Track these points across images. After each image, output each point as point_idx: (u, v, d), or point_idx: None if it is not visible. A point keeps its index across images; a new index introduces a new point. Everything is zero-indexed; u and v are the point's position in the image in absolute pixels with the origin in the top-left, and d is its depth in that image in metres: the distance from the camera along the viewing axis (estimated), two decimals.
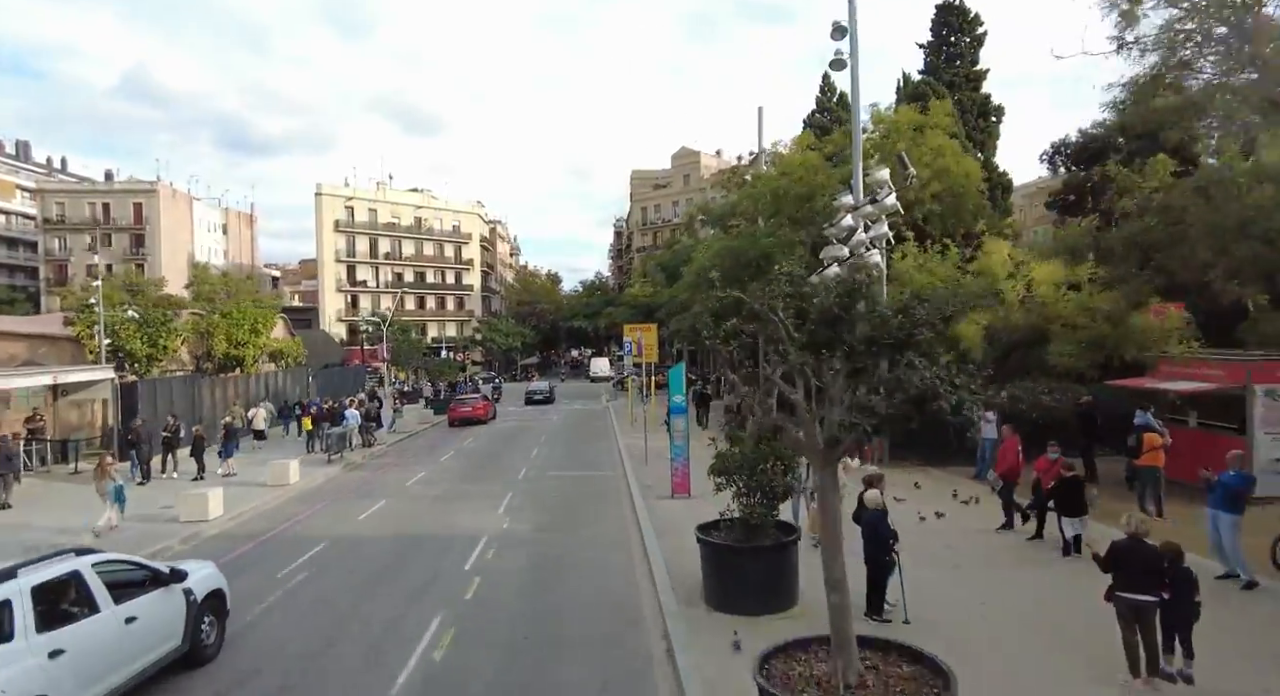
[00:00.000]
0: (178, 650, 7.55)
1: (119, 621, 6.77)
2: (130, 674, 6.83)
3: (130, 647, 6.86)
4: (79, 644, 6.23)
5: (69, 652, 6.09)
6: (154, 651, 7.21)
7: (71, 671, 6.07)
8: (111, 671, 6.59)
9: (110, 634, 6.63)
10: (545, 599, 9.89)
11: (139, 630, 6.97)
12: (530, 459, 22.68)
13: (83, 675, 6.20)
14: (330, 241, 78.10)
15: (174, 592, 7.65)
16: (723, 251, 25.65)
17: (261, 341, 34.55)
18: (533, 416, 38.36)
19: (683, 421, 15.39)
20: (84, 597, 6.60)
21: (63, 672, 5.96)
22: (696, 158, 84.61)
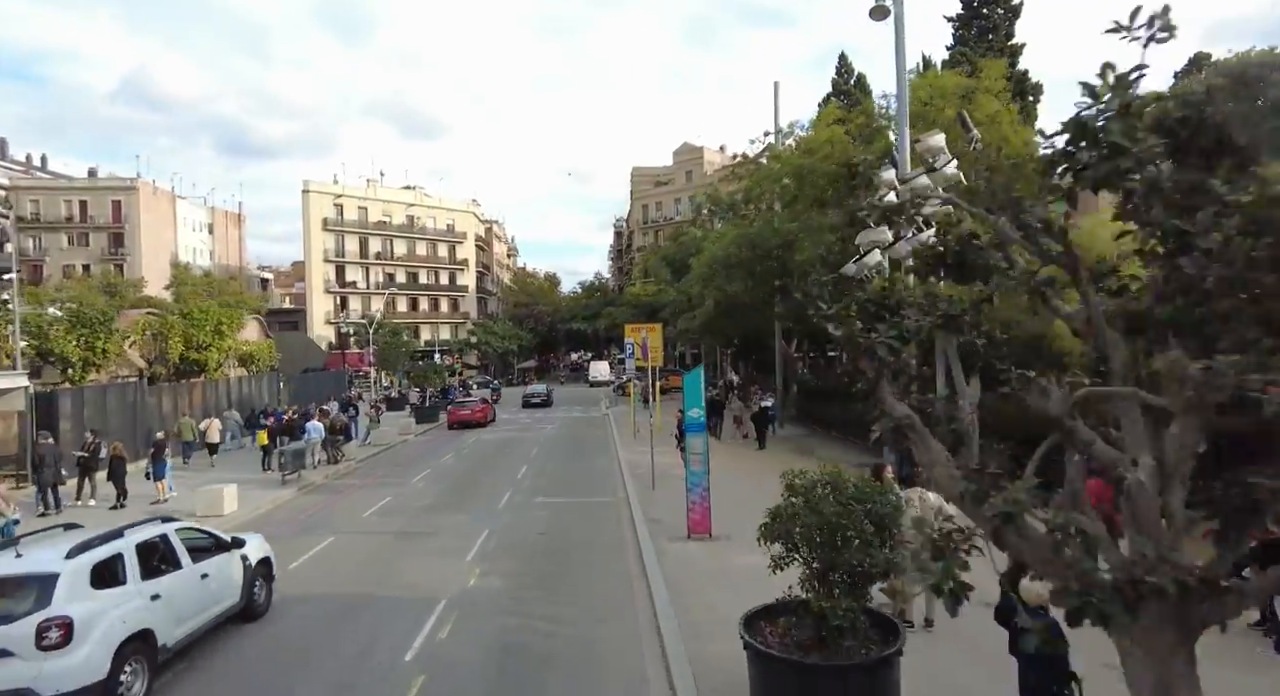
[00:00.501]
0: (236, 606, 8.93)
1: (196, 576, 8.27)
2: (204, 620, 8.31)
3: (204, 598, 8.35)
4: (169, 591, 7.73)
5: (164, 597, 7.61)
6: (220, 604, 8.65)
7: (166, 612, 7.58)
8: (192, 616, 8.08)
9: (190, 586, 8.12)
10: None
11: (210, 585, 8.47)
12: (516, 480, 19.45)
13: (173, 616, 7.70)
14: (318, 241, 74.95)
15: (234, 557, 9.09)
16: (739, 240, 22.49)
17: (227, 344, 31.35)
18: (527, 424, 35.17)
19: (701, 442, 12.19)
20: (171, 556, 8.13)
21: (161, 612, 7.48)
22: (699, 153, 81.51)
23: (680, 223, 54.03)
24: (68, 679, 6.38)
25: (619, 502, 16.09)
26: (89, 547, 7.21)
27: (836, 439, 24.39)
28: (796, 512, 6.30)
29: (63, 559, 6.92)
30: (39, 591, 6.60)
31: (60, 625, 6.45)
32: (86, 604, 6.78)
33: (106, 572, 7.22)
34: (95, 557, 7.17)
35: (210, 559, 8.66)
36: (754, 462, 20.09)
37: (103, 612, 6.88)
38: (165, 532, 8.27)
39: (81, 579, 6.88)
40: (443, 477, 20.26)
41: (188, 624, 7.97)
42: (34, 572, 6.80)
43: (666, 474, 17.87)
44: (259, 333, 41.17)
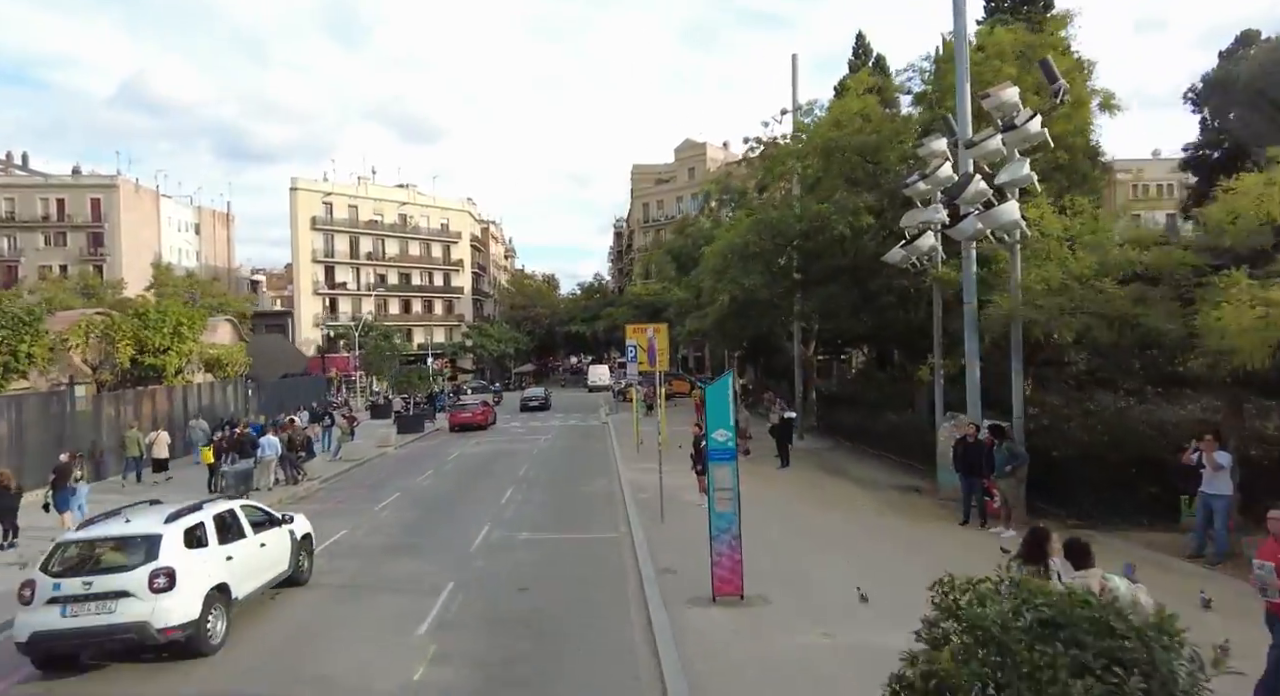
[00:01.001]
0: (285, 572, 10.49)
1: (257, 544, 9.86)
2: (263, 581, 9.90)
3: (263, 563, 9.94)
4: (238, 555, 9.34)
5: (235, 559, 9.23)
6: (274, 570, 10.22)
7: (236, 571, 9.16)
8: (254, 577, 9.66)
9: (252, 552, 9.69)
10: None
11: (267, 553, 10.06)
12: (499, 507, 16.47)
13: (241, 576, 9.25)
14: (306, 240, 72.09)
15: (284, 531, 10.65)
16: (757, 227, 19.53)
17: (187, 347, 28.39)
18: (519, 433, 32.19)
19: (730, 474, 9.22)
20: (238, 526, 9.69)
21: (233, 571, 9.09)
22: (702, 150, 78.63)
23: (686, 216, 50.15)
24: (172, 615, 7.94)
25: (621, 541, 13.09)
26: (180, 516, 8.85)
27: (867, 453, 21.41)
28: (968, 654, 3.31)
29: (163, 522, 8.58)
30: (148, 547, 8.23)
31: (166, 573, 8.05)
32: (182, 559, 8.34)
33: (194, 536, 8.78)
34: (186, 524, 8.77)
35: (267, 531, 10.17)
36: (779, 486, 17.13)
37: (193, 567, 8.43)
38: (233, 508, 9.98)
39: (178, 539, 8.49)
40: (414, 503, 17.26)
41: (251, 582, 9.51)
42: (144, 533, 8.47)
43: (677, 499, 14.95)
44: (232, 335, 38.22)
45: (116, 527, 8.71)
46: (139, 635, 7.82)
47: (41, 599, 7.84)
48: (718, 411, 9.35)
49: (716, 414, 9.34)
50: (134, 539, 8.44)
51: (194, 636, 8.14)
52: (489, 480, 20.22)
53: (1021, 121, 11.89)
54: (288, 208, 72.86)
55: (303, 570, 10.91)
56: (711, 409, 9.37)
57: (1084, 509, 12.27)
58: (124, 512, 9.32)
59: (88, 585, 7.91)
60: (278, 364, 43.09)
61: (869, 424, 21.66)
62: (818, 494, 16.40)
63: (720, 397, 9.38)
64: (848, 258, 18.31)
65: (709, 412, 9.37)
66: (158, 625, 7.82)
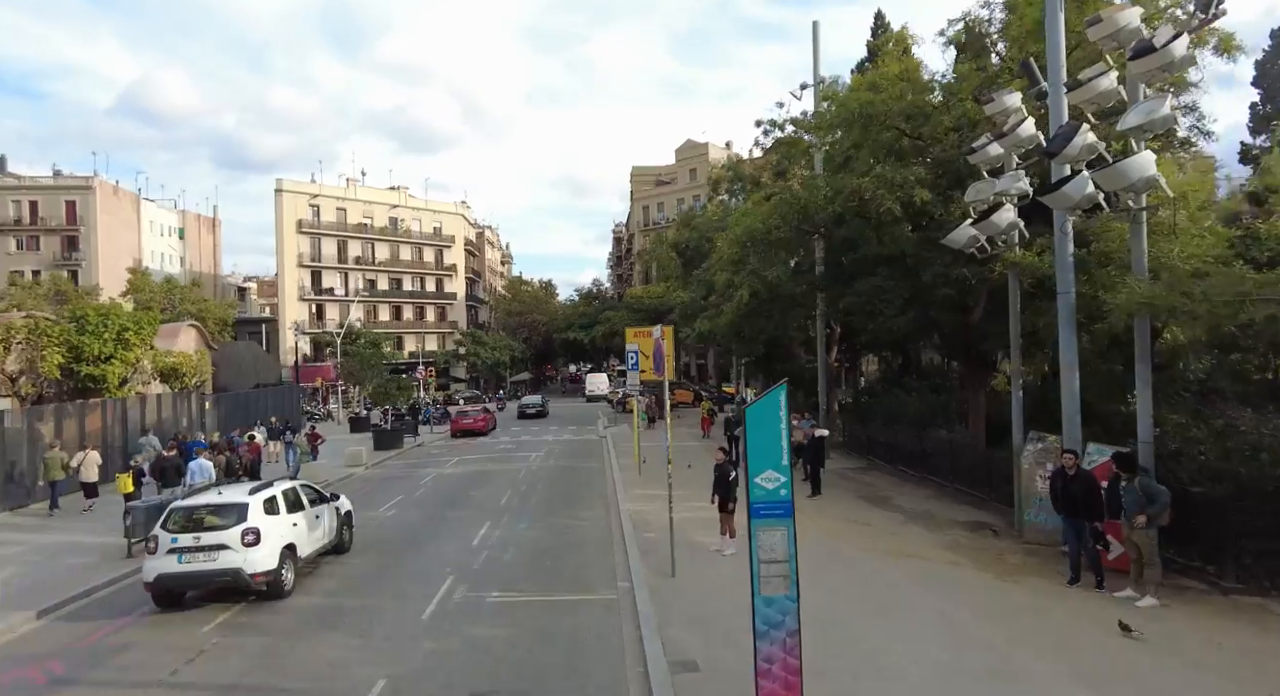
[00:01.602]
0: (333, 541, 12.83)
1: (313, 516, 12.10)
2: (316, 547, 12.17)
3: (318, 532, 12.19)
4: (301, 523, 11.55)
5: (298, 526, 11.45)
6: (325, 538, 12.50)
7: (300, 534, 11.40)
8: (312, 543, 11.92)
9: (310, 521, 11.95)
10: None
11: (320, 523, 12.36)
12: (469, 551, 13.28)
13: (303, 540, 11.49)
14: (292, 244, 69.10)
15: (332, 507, 13.05)
16: (782, 208, 16.40)
17: (133, 356, 25.26)
18: (508, 449, 29.06)
19: (784, 540, 6.09)
20: (299, 500, 11.87)
21: (298, 535, 11.33)
22: (704, 150, 75.78)
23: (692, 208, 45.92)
24: (259, 565, 10.26)
25: (620, 606, 9.90)
26: (259, 490, 11.34)
27: (909, 477, 18.24)
28: None
29: (248, 494, 11.07)
30: (239, 512, 10.55)
31: (253, 532, 10.36)
32: (264, 522, 10.64)
33: (271, 505, 11.13)
34: (264, 496, 11.16)
35: (320, 506, 12.57)
36: (815, 520, 13.98)
37: (271, 529, 10.72)
38: (294, 486, 12.34)
39: (259, 507, 10.82)
40: (365, 546, 14.07)
41: (309, 546, 11.86)
42: (235, 502, 10.85)
43: (692, 543, 11.88)
44: (197, 342, 35.08)
45: (213, 498, 11.18)
46: (235, 579, 10.15)
47: (163, 549, 10.18)
48: (764, 443, 6.22)
49: (763, 447, 6.21)
50: (228, 506, 10.70)
51: (273, 582, 10.44)
52: (464, 511, 17.04)
53: (1162, 42, 8.78)
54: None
55: (345, 541, 13.31)
56: (755, 439, 6.23)
57: (1243, 567, 9.11)
58: (215, 489, 12.22)
59: (197, 539, 10.22)
60: (250, 373, 39.95)
61: (910, 441, 18.52)
62: (865, 533, 13.23)
63: (768, 421, 6.24)
64: (893, 244, 15.22)
65: (751, 443, 6.22)
66: (249, 571, 10.14)
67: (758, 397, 6.38)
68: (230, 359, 38.50)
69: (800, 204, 16.00)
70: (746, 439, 6.25)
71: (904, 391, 21.89)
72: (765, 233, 16.03)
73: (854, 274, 17.22)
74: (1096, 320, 11.44)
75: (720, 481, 11.86)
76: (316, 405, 59.58)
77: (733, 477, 11.80)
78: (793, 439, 18.79)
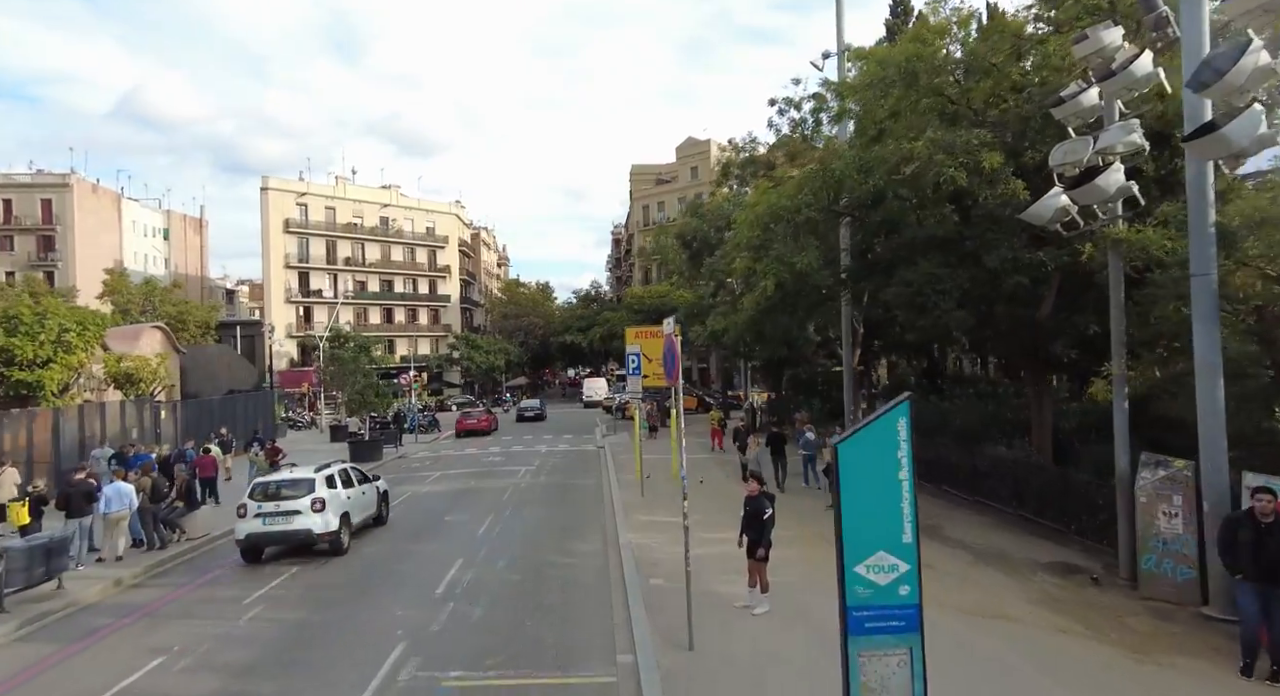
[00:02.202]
0: (374, 515, 15.69)
1: (360, 492, 14.94)
2: (363, 518, 15.07)
3: (365, 504, 15.17)
4: (352, 497, 14.38)
5: (351, 499, 14.28)
6: (368, 511, 15.36)
7: (353, 505, 14.29)
8: (360, 513, 14.79)
9: (359, 496, 14.82)
10: None
11: (365, 498, 15.22)
12: (431, 603, 10.61)
13: (355, 511, 14.40)
14: (279, 244, 66.46)
15: (374, 486, 15.93)
16: (813, 182, 13.74)
17: (76, 359, 22.62)
18: (497, 461, 26.40)
19: (909, 670, 3.45)
20: (350, 478, 14.79)
21: (351, 506, 14.17)
22: (705, 148, 73.14)
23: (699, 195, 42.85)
24: (323, 527, 13.17)
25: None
26: (321, 469, 14.28)
27: (960, 500, 15.59)
28: None
29: (314, 472, 14.06)
30: (309, 485, 13.44)
31: (319, 501, 13.25)
32: (327, 493, 13.51)
33: (331, 481, 13.96)
34: (325, 474, 14.09)
35: (366, 485, 15.45)
36: None
37: (331, 499, 13.53)
38: (345, 468, 15.27)
39: (323, 482, 13.70)
40: (305, 593, 11.37)
41: (359, 515, 14.75)
42: (304, 477, 13.86)
43: (710, 596, 9.31)
44: (163, 345, 32.42)
45: (287, 475, 14.65)
46: (306, 538, 13.22)
47: (251, 513, 13.16)
48: (873, 504, 3.60)
49: (871, 511, 3.59)
50: (300, 480, 13.80)
51: (335, 541, 13.49)
52: (434, 543, 14.36)
53: None
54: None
55: (384, 514, 16.20)
56: (859, 498, 3.60)
57: None
58: (287, 468, 16.84)
59: (276, 506, 13.26)
60: (223, 379, 37.27)
61: (957, 458, 15.87)
62: (929, 577, 10.51)
63: (879, 468, 3.62)
64: (939, 225, 12.62)
65: (849, 507, 3.59)
66: (317, 531, 13.20)
67: (859, 426, 3.75)
68: (201, 363, 35.86)
69: (835, 178, 13.34)
70: (841, 499, 3.60)
71: (940, 398, 19.28)
72: (793, 211, 13.38)
73: (894, 262, 14.59)
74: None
75: (751, 520, 9.22)
76: (301, 412, 56.94)
77: (767, 515, 9.16)
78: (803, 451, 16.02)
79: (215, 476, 20.02)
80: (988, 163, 11.23)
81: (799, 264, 13.38)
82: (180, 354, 33.92)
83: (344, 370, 36.16)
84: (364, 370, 33.91)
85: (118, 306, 55.11)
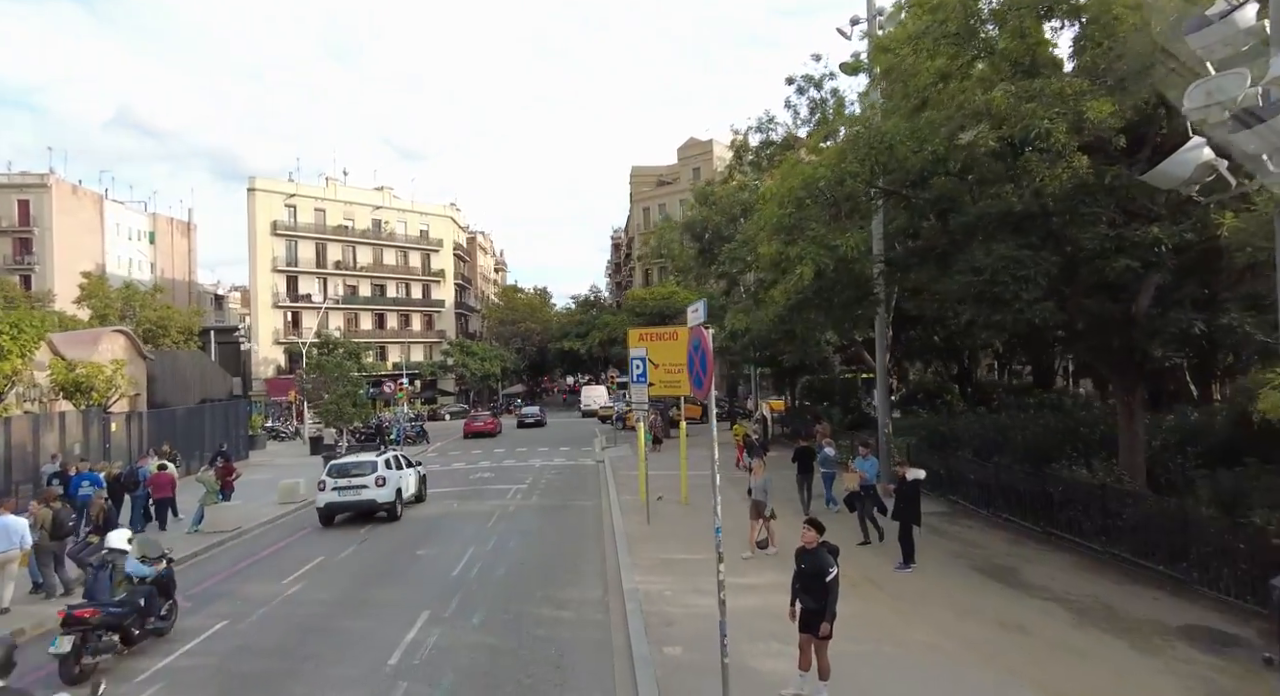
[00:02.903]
0: (415, 494, 19.27)
1: (408, 474, 18.71)
2: (410, 493, 18.82)
3: (410, 484, 18.78)
4: (405, 477, 18.37)
5: (403, 478, 18.17)
6: (413, 489, 19.05)
7: (404, 483, 18.17)
8: (408, 490, 18.58)
9: (407, 477, 18.59)
10: None
11: (411, 479, 18.89)
12: (380, 681, 8.10)
13: (405, 486, 18.23)
14: (265, 247, 64.04)
15: (416, 470, 19.72)
16: (858, 148, 11.26)
17: (9, 366, 20.11)
18: (485, 478, 23.81)
19: None
20: (401, 463, 18.51)
21: (403, 484, 18.05)
22: (708, 148, 71.04)
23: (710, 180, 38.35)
24: (385, 498, 17.00)
25: None
26: (381, 454, 18.43)
27: (1022, 529, 13.08)
28: None
29: (376, 456, 18.05)
30: (372, 466, 17.28)
31: (380, 478, 16.97)
32: (386, 472, 17.26)
33: (388, 463, 17.72)
34: (384, 457, 17.98)
35: (410, 469, 19.24)
36: (925, 615, 8.84)
37: (389, 477, 17.23)
38: (398, 454, 19.23)
39: (383, 463, 17.51)
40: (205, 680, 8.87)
41: (408, 492, 18.50)
42: (369, 459, 17.76)
43: (744, 673, 6.91)
44: (127, 351, 29.92)
45: (356, 458, 18.67)
46: (370, 506, 17.09)
47: (329, 487, 17.08)
48: None
49: None
50: (364, 462, 17.74)
51: (391, 509, 17.29)
52: (396, 588, 11.81)
53: None
54: None
55: (423, 493, 20.00)
56: None
57: None
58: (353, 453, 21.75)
59: (348, 481, 17.10)
60: (195, 387, 34.73)
61: (1024, 482, 13.36)
62: (1026, 649, 8.05)
63: None
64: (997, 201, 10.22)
65: None
66: (379, 501, 17.05)
67: None
68: (172, 371, 33.37)
69: (886, 144, 10.91)
70: None
71: (987, 409, 16.81)
72: (835, 183, 10.94)
73: (948, 249, 12.15)
74: None
75: (809, 582, 6.75)
76: (287, 423, 54.34)
77: (832, 576, 6.68)
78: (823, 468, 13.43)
79: (173, 496, 17.59)
80: (1092, 112, 8.79)
81: (842, 247, 10.91)
82: (147, 361, 31.42)
83: (326, 378, 33.76)
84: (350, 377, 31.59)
85: (95, 312, 52.68)
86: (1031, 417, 14.84)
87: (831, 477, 16.30)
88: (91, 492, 16.94)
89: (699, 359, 5.93)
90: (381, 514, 17.16)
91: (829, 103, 18.90)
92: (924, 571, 11.23)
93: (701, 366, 5.87)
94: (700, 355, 5.84)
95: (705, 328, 5.88)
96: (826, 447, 16.60)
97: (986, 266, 10.31)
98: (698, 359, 5.99)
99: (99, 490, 13.31)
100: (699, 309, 6.04)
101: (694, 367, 6.06)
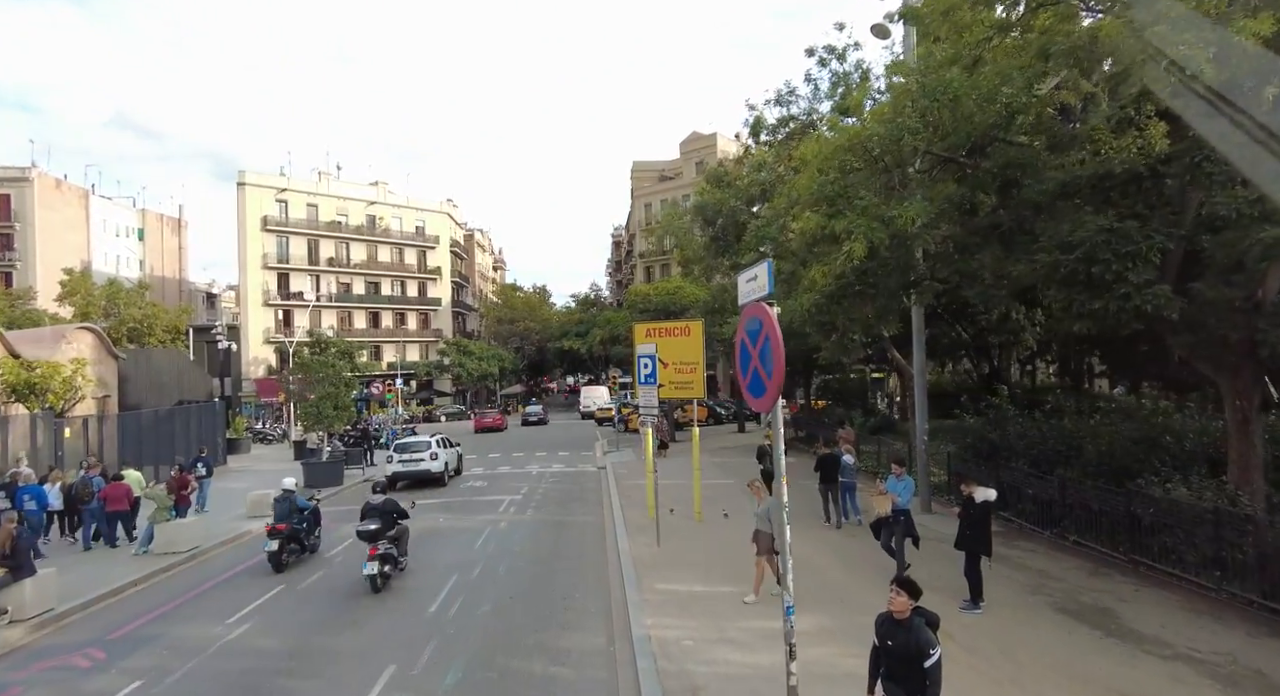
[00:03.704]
0: (455, 467, 24.49)
1: (452, 451, 24.16)
2: (452, 468, 24.04)
3: (453, 461, 24.27)
4: (449, 454, 23.67)
5: (450, 455, 23.76)
6: (454, 464, 24.39)
7: (450, 459, 23.69)
8: (452, 465, 23.94)
9: (451, 454, 24.06)
10: None
11: (452, 457, 23.99)
12: None
13: (451, 461, 23.73)
14: (256, 243, 62.04)
15: (456, 450, 24.84)
16: (918, 100, 9.25)
17: None
18: (479, 487, 21.81)
19: None
20: (447, 443, 24.03)
21: (449, 460, 23.43)
22: (712, 142, 69.13)
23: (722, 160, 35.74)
24: (436, 468, 22.37)
25: None
26: (433, 434, 24.36)
27: (1102, 557, 11.08)
28: None
29: (429, 437, 23.67)
30: (427, 444, 22.78)
31: (434, 453, 22.44)
32: (438, 449, 22.63)
33: (440, 442, 23.10)
34: (436, 438, 23.48)
35: (453, 448, 24.08)
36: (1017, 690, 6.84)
37: (440, 453, 22.56)
38: (445, 435, 24.45)
39: (436, 443, 22.82)
40: None
41: (453, 466, 23.67)
42: (425, 439, 23.22)
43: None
44: (95, 350, 27.91)
45: (414, 439, 23.45)
46: (426, 474, 22.04)
47: (396, 459, 22.15)
48: None
49: None
50: (422, 441, 22.81)
51: (441, 478, 22.33)
52: (361, 636, 9.77)
53: None
54: None
55: (461, 468, 24.92)
56: None
57: None
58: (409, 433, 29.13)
59: (409, 455, 22.23)
60: (172, 388, 32.70)
61: (1102, 501, 11.35)
62: None
63: None
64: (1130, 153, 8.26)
65: None
66: (433, 471, 22.09)
67: None
68: (145, 371, 31.34)
69: (951, 95, 8.91)
70: None
71: (1041, 415, 14.80)
72: (892, 141, 8.94)
73: (1015, 226, 10.16)
74: None
75: (900, 665, 4.78)
76: (276, 425, 52.33)
77: (933, 660, 4.69)
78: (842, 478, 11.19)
79: (129, 509, 15.59)
80: (1245, 33, 6.79)
81: (900, 220, 8.90)
82: (119, 360, 29.41)
83: (311, 378, 31.75)
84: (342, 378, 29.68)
85: (78, 309, 50.72)
86: (1103, 424, 12.84)
87: (852, 488, 14.53)
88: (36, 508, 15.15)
89: (758, 351, 3.90)
90: (436, 482, 22.37)
91: (853, 76, 16.94)
92: (996, 613, 9.23)
93: (762, 361, 3.85)
94: (762, 346, 3.82)
95: (769, 303, 3.86)
96: (846, 456, 14.70)
97: (1082, 242, 8.29)
98: (755, 352, 3.96)
99: (9, 513, 11.23)
100: (758, 275, 4.00)
101: (750, 366, 4.03)
